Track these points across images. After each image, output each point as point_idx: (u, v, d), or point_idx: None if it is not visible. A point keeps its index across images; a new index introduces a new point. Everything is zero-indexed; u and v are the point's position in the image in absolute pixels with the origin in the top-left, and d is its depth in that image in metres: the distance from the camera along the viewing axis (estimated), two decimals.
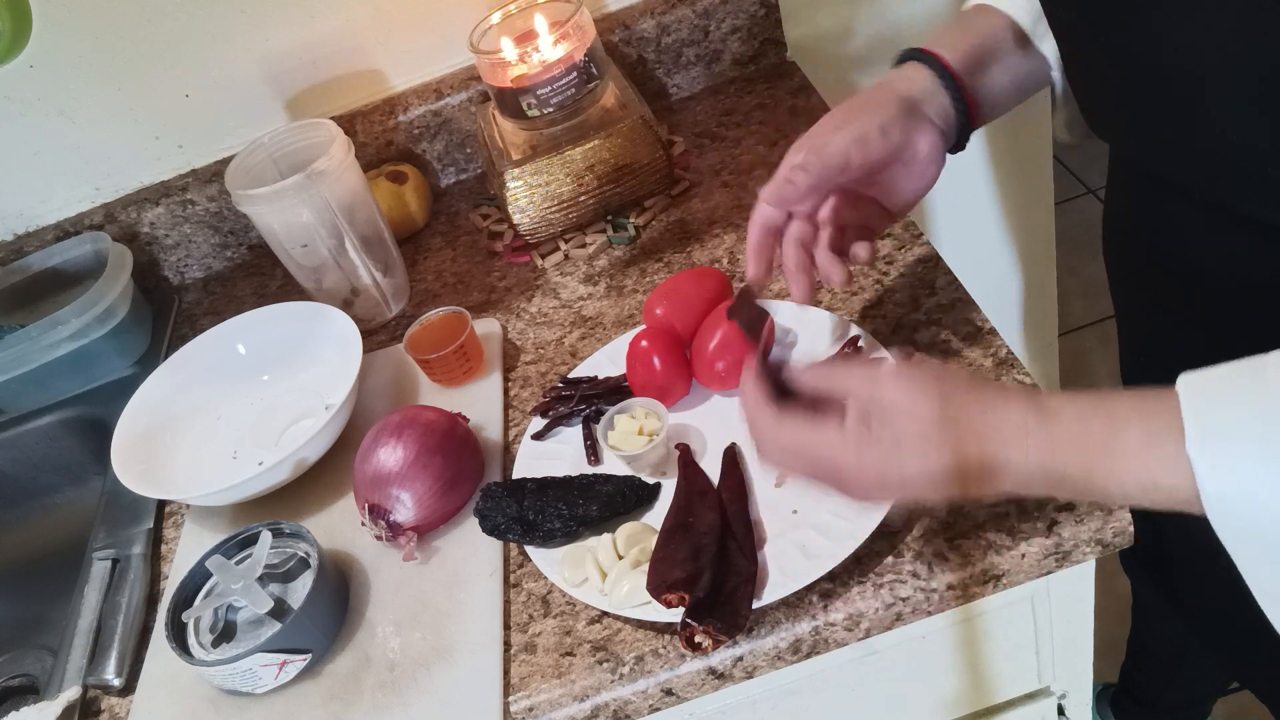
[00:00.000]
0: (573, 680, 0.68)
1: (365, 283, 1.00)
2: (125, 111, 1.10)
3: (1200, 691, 1.37)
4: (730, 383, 0.81)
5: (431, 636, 0.73)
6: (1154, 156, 0.65)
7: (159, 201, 1.14)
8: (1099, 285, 1.63)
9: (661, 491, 0.76)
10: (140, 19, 1.04)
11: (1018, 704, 0.84)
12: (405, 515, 0.77)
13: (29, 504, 1.10)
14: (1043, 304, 1.59)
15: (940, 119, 0.69)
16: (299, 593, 0.74)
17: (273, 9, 1.06)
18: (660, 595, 0.65)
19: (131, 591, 0.85)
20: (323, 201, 0.93)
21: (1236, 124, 0.54)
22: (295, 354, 0.97)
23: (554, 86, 0.98)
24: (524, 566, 0.76)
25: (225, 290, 1.18)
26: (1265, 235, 0.60)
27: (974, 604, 0.71)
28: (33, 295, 1.14)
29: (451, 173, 1.20)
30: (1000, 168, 1.41)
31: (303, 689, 0.73)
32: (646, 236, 1.02)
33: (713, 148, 1.10)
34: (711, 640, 0.63)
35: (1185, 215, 0.67)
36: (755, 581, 0.66)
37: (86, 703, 0.79)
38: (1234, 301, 0.66)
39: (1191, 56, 0.53)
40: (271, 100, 1.12)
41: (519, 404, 0.89)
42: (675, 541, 0.69)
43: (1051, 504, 0.67)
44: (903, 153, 0.67)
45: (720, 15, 1.14)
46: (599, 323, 0.94)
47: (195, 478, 0.90)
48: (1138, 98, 0.60)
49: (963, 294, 0.83)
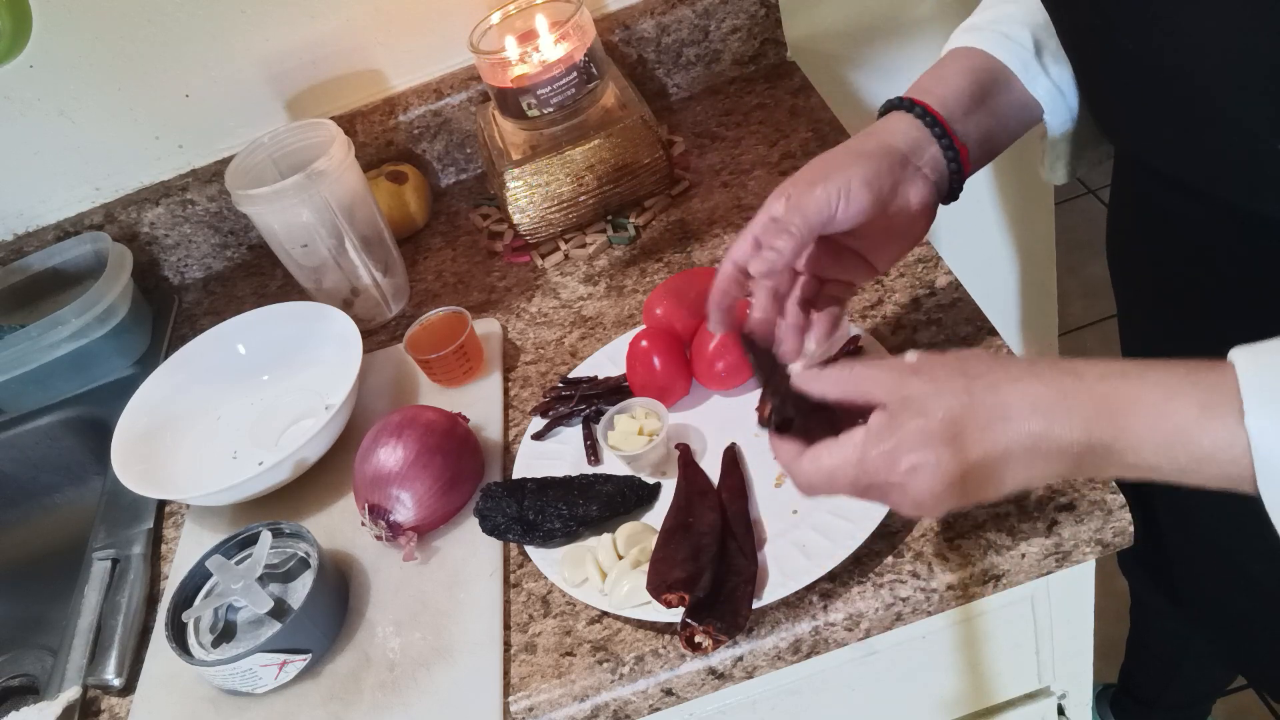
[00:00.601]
0: (573, 680, 0.68)
1: (365, 283, 1.00)
2: (125, 111, 1.10)
3: (1200, 691, 1.37)
4: (730, 383, 0.81)
5: (431, 636, 0.73)
6: (1165, 156, 0.65)
7: (159, 201, 1.14)
8: (1099, 285, 1.62)
9: (661, 491, 0.76)
10: (140, 19, 1.05)
11: (1018, 704, 0.84)
12: (405, 515, 0.77)
13: (29, 504, 1.10)
14: (1043, 304, 1.59)
15: (932, 171, 0.66)
16: (299, 593, 0.74)
17: (273, 9, 1.06)
18: (660, 595, 0.65)
19: (131, 591, 0.85)
20: (323, 201, 0.93)
21: (1250, 123, 0.54)
22: (295, 354, 0.97)
23: (554, 86, 0.98)
24: (524, 566, 0.76)
25: (225, 290, 1.18)
26: (1274, 236, 0.60)
27: (974, 604, 0.71)
28: (33, 295, 1.14)
29: (451, 173, 1.20)
30: (1000, 168, 1.41)
31: (303, 689, 0.73)
32: (646, 236, 1.02)
33: (713, 148, 1.10)
34: (711, 640, 0.63)
35: (1192, 216, 0.67)
36: (755, 581, 0.66)
37: (86, 703, 0.79)
38: (1240, 303, 0.66)
39: (1205, 56, 0.53)
40: (271, 100, 1.12)
41: (519, 404, 0.89)
42: (675, 541, 0.69)
43: (1052, 504, 0.67)
44: (890, 207, 0.64)
45: (720, 15, 1.14)
46: (599, 323, 0.94)
47: (195, 478, 0.90)
48: (1150, 98, 0.60)
49: (963, 294, 0.83)
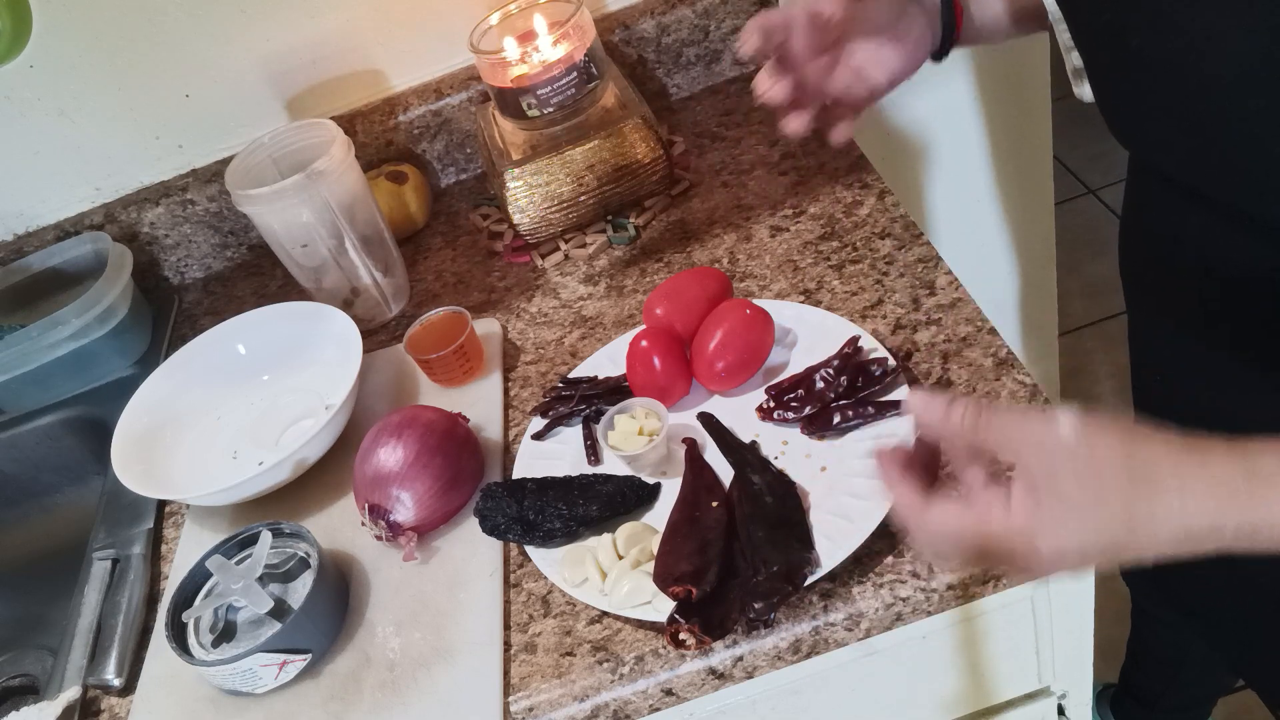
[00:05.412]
0: (573, 680, 0.68)
1: (365, 283, 1.00)
2: (125, 111, 1.10)
3: (1201, 692, 1.37)
4: (730, 383, 0.81)
5: (431, 636, 0.73)
6: (1175, 161, 0.64)
7: (159, 201, 1.14)
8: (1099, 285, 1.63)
9: (662, 491, 0.76)
10: (140, 19, 1.04)
11: (1018, 704, 0.84)
12: (405, 515, 0.77)
13: (29, 504, 1.10)
14: (1043, 304, 1.59)
15: (928, 11, 0.73)
16: (299, 593, 0.74)
17: (273, 9, 1.06)
18: (667, 588, 0.65)
19: (131, 591, 0.85)
20: (323, 201, 0.93)
21: (1261, 128, 0.54)
22: (295, 354, 0.97)
23: (554, 86, 0.98)
24: (524, 566, 0.76)
25: (225, 290, 1.18)
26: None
27: (974, 604, 0.71)
28: (33, 295, 1.14)
29: (451, 173, 1.20)
30: (1000, 168, 1.41)
31: (303, 689, 0.73)
32: (646, 236, 1.02)
33: (713, 148, 1.10)
34: (695, 639, 0.63)
35: (1204, 222, 0.67)
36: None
37: (86, 703, 0.79)
38: (1251, 309, 0.66)
39: (1218, 59, 0.53)
40: (271, 100, 1.12)
41: (519, 404, 0.89)
42: (681, 534, 0.69)
43: None
44: (897, 25, 0.72)
45: (720, 15, 1.14)
46: (599, 323, 0.94)
47: (195, 478, 0.90)
48: (1162, 101, 0.59)
49: (963, 294, 0.83)
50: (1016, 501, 0.48)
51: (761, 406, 0.78)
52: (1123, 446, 0.47)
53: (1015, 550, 0.49)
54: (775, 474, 0.73)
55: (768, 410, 0.78)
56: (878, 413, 0.74)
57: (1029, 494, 0.48)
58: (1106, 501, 0.47)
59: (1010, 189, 1.44)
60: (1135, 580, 1.15)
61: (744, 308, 0.81)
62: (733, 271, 0.94)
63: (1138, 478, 0.46)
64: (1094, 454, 0.47)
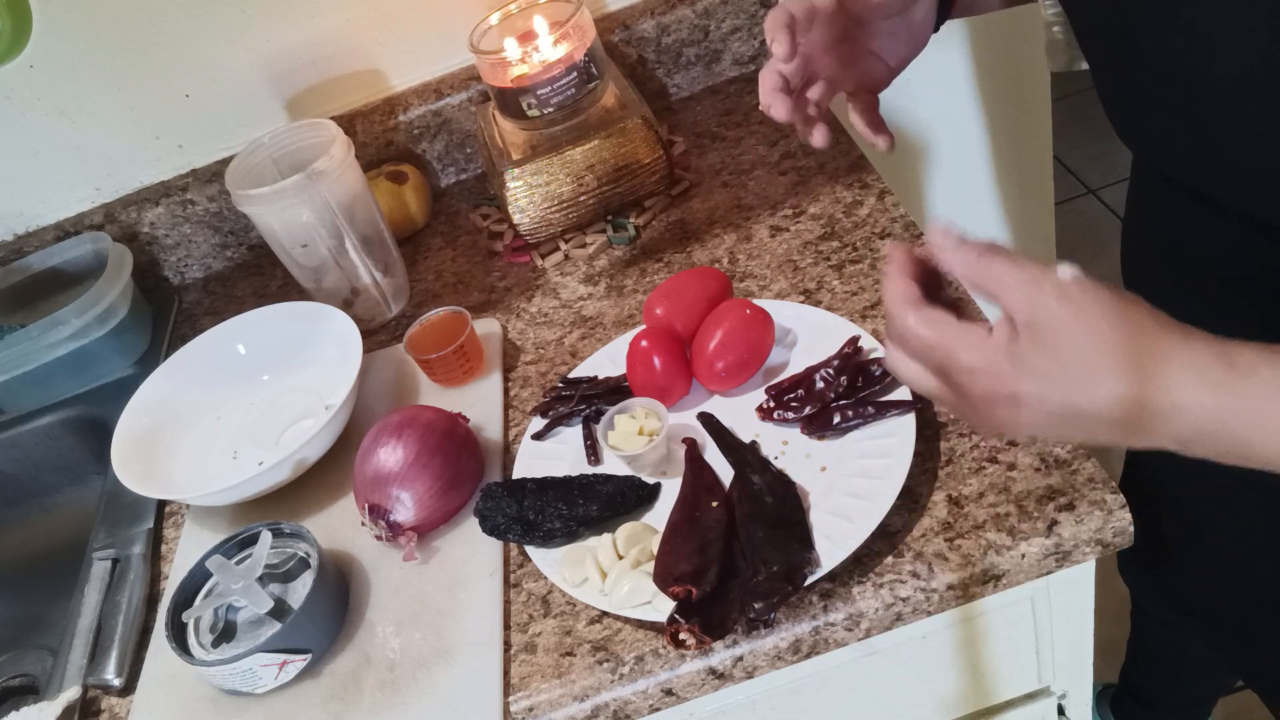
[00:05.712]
0: (573, 680, 0.68)
1: (365, 283, 1.00)
2: (125, 111, 1.10)
3: (1201, 692, 1.37)
4: (730, 383, 0.81)
5: (431, 636, 0.73)
6: (1177, 161, 0.64)
7: (159, 201, 1.14)
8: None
9: (662, 491, 0.76)
10: (140, 19, 1.05)
11: (1018, 704, 0.84)
12: (405, 515, 0.77)
13: (29, 504, 1.10)
14: None
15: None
16: (299, 593, 0.74)
17: (273, 9, 1.06)
18: (667, 588, 0.65)
19: (131, 591, 0.85)
20: (323, 201, 0.93)
21: (1264, 128, 0.54)
22: (295, 354, 0.97)
23: (554, 86, 0.98)
24: (524, 566, 0.76)
25: (225, 290, 1.18)
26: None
27: (974, 604, 0.71)
28: (33, 295, 1.14)
29: (451, 173, 1.20)
30: (1000, 168, 1.41)
31: (303, 689, 0.73)
32: (646, 236, 1.02)
33: (713, 148, 1.10)
34: (695, 640, 0.63)
35: (1206, 223, 0.67)
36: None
37: (86, 703, 0.79)
38: (1253, 310, 0.66)
39: (1221, 59, 0.53)
40: (271, 100, 1.12)
41: (519, 404, 0.89)
42: (682, 534, 0.69)
43: (1052, 504, 0.67)
44: (907, 8, 0.71)
45: (720, 15, 1.14)
46: (599, 323, 0.94)
47: (195, 478, 0.90)
48: (1165, 101, 0.59)
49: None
50: (997, 333, 0.48)
51: (761, 406, 0.78)
52: (1117, 301, 0.47)
53: (976, 386, 0.48)
54: (775, 474, 0.73)
55: (768, 410, 0.78)
56: (878, 413, 0.74)
57: (1013, 334, 0.48)
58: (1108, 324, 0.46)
59: (1010, 189, 1.44)
60: (1135, 580, 1.15)
61: (744, 308, 0.81)
62: (733, 271, 0.94)
63: (1130, 320, 0.46)
64: (1085, 301, 0.47)
